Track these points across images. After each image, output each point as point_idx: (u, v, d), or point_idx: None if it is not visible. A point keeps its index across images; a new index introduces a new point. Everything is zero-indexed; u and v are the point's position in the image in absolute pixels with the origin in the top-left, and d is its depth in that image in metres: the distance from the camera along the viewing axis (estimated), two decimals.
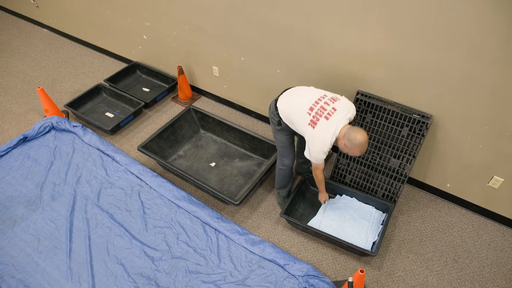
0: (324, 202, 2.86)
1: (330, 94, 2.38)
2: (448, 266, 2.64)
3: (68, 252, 2.70)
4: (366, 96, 2.79)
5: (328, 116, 2.25)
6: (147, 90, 4.22)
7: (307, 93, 2.40)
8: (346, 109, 2.30)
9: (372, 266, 2.64)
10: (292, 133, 2.62)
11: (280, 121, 2.51)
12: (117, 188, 3.13)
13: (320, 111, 2.27)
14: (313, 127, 2.27)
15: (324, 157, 2.34)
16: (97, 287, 2.52)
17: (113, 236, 2.80)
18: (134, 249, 2.72)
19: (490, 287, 2.52)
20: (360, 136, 2.15)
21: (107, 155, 3.40)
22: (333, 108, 2.27)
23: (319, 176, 2.58)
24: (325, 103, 2.29)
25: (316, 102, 2.31)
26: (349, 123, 2.31)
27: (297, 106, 2.37)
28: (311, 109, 2.29)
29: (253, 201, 3.08)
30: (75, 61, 4.72)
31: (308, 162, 3.03)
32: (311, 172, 2.98)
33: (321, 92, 2.40)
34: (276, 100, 2.52)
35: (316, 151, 2.31)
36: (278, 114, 2.49)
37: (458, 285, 2.53)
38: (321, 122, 2.25)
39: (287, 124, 2.48)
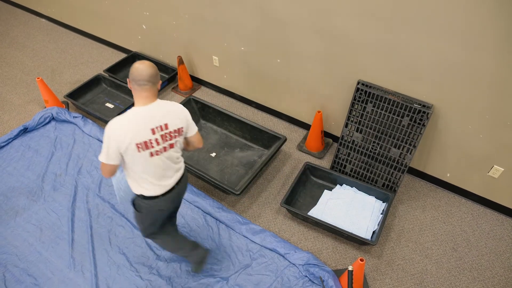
0: None
1: None
2: (447, 254, 2.66)
3: (70, 242, 2.72)
4: (366, 86, 2.78)
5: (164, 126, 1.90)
6: None
7: None
8: None
9: (372, 255, 2.67)
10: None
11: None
12: None
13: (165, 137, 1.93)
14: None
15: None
16: (100, 276, 2.55)
17: (115, 226, 2.82)
18: (136, 239, 2.74)
19: (488, 275, 2.54)
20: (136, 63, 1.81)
21: None
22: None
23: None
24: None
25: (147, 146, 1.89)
26: None
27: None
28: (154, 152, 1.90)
29: (254, 191, 3.09)
30: (74, 51, 4.69)
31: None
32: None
33: None
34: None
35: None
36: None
37: (456, 273, 2.56)
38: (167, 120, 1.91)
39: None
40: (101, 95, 4.01)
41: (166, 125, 1.85)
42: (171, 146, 1.91)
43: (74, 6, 4.60)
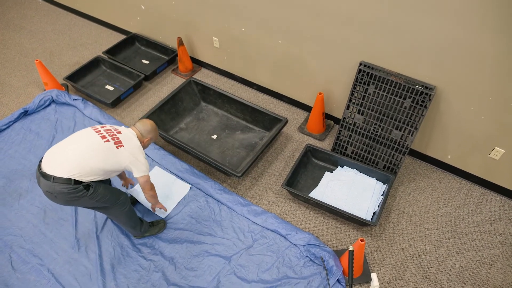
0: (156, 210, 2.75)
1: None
2: (446, 235, 2.69)
3: (74, 224, 2.75)
4: (369, 67, 2.75)
5: (117, 132, 2.19)
6: (146, 62, 4.16)
7: (82, 135, 2.14)
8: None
9: (372, 235, 2.70)
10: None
11: (87, 186, 2.08)
12: None
13: (109, 131, 2.17)
14: (123, 145, 2.14)
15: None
16: (104, 256, 2.59)
17: None
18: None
19: (486, 255, 2.58)
20: (148, 121, 2.34)
21: None
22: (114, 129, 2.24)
23: (153, 189, 2.40)
24: (102, 126, 2.21)
25: (96, 129, 2.18)
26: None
27: (88, 151, 2.07)
28: (102, 136, 2.13)
29: (255, 173, 3.11)
30: (72, 32, 4.63)
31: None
32: None
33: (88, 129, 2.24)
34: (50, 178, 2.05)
35: (144, 161, 2.21)
36: (77, 181, 2.04)
37: (455, 253, 2.60)
38: (120, 136, 2.17)
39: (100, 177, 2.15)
40: (100, 77, 3.98)
41: None
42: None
43: None
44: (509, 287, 2.43)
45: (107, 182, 2.55)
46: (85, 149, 2.05)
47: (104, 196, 2.18)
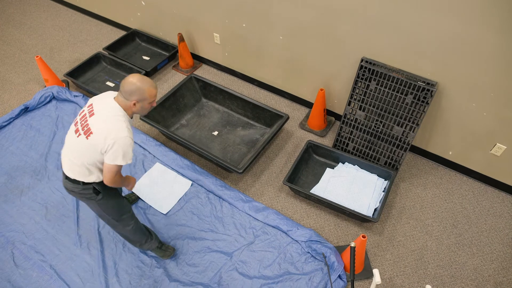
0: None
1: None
2: (447, 231, 2.70)
3: (76, 220, 2.76)
4: (370, 63, 2.74)
5: (90, 115, 1.83)
6: (147, 58, 4.15)
7: (68, 134, 1.95)
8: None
9: (373, 231, 2.71)
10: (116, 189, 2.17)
11: (95, 189, 1.98)
12: None
13: (83, 118, 1.86)
14: (91, 132, 1.79)
15: (132, 153, 1.86)
16: (106, 253, 2.59)
17: None
18: (140, 217, 2.78)
19: (487, 251, 2.59)
20: (130, 78, 1.78)
21: None
22: (87, 107, 1.89)
23: (116, 181, 1.94)
24: (81, 114, 1.91)
25: (75, 121, 1.91)
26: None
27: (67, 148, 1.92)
28: (76, 130, 1.87)
29: (256, 169, 3.11)
30: (72, 29, 4.61)
31: None
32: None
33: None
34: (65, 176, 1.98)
35: (123, 147, 1.78)
36: (83, 182, 1.94)
37: (456, 249, 2.61)
38: (91, 120, 1.81)
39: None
40: (101, 73, 3.97)
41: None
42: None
43: None
44: (509, 283, 2.44)
45: (119, 191, 2.25)
46: (68, 151, 1.92)
47: (112, 207, 2.09)
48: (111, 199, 2.08)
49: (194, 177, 2.99)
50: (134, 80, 1.77)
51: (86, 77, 3.89)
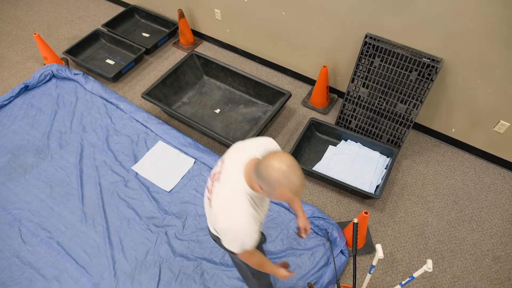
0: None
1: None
2: (448, 207, 2.73)
3: (80, 198, 2.79)
4: (375, 39, 2.70)
5: (219, 176, 1.48)
6: (147, 35, 4.08)
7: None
8: (244, 148, 1.51)
9: (375, 208, 2.74)
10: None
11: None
12: (123, 136, 3.15)
13: (213, 180, 1.52)
14: (210, 204, 1.50)
15: (256, 235, 1.44)
16: (111, 229, 2.64)
17: (122, 183, 2.87)
18: (144, 194, 2.81)
19: (486, 227, 2.63)
20: (276, 163, 1.25)
21: (111, 103, 3.38)
22: (222, 161, 1.53)
23: (258, 263, 1.62)
24: (220, 167, 1.54)
25: (211, 177, 1.57)
26: None
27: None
28: (208, 189, 1.56)
29: None
30: (69, 5, 4.51)
31: None
32: None
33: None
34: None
35: (238, 236, 1.42)
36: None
37: (456, 224, 2.64)
38: (214, 190, 1.48)
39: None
40: (100, 51, 3.91)
41: None
42: None
43: None
44: (507, 257, 2.49)
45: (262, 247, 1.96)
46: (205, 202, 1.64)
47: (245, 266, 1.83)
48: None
49: (197, 155, 3.00)
50: (275, 167, 1.25)
51: (85, 54, 3.84)
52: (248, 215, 1.39)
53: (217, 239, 1.75)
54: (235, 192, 1.40)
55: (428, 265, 1.60)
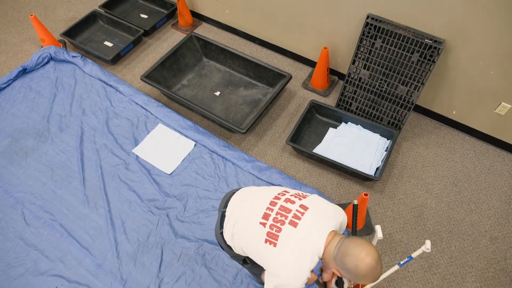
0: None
1: (292, 191, 1.57)
2: (447, 189, 2.75)
3: (82, 181, 2.80)
4: (376, 20, 2.65)
5: (295, 220, 1.42)
6: (145, 16, 4.01)
7: (255, 199, 1.59)
8: (328, 210, 1.49)
9: (375, 190, 2.76)
10: None
11: (245, 259, 1.73)
12: (123, 119, 3.15)
13: (281, 215, 1.44)
14: (274, 245, 1.42)
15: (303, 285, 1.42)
16: (113, 212, 2.66)
17: (123, 166, 2.88)
18: (145, 177, 2.82)
19: (484, 208, 2.65)
20: (366, 258, 1.28)
21: (110, 86, 3.36)
22: (302, 206, 1.46)
23: None
24: (287, 200, 1.49)
25: (271, 203, 1.49)
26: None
27: (244, 223, 1.55)
28: (266, 216, 1.47)
29: (259, 130, 3.11)
30: None
31: None
32: None
33: (278, 188, 1.59)
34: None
35: (284, 285, 1.40)
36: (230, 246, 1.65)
37: (455, 206, 2.67)
38: (285, 232, 1.41)
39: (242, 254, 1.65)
40: (98, 33, 3.86)
41: None
42: None
43: None
44: (504, 238, 2.52)
45: None
46: (238, 222, 1.57)
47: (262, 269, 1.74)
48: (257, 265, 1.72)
49: (197, 138, 3.00)
50: (366, 262, 1.27)
51: (83, 36, 3.79)
52: (306, 274, 1.38)
53: (226, 248, 1.68)
54: (310, 249, 1.38)
55: (427, 246, 1.63)
